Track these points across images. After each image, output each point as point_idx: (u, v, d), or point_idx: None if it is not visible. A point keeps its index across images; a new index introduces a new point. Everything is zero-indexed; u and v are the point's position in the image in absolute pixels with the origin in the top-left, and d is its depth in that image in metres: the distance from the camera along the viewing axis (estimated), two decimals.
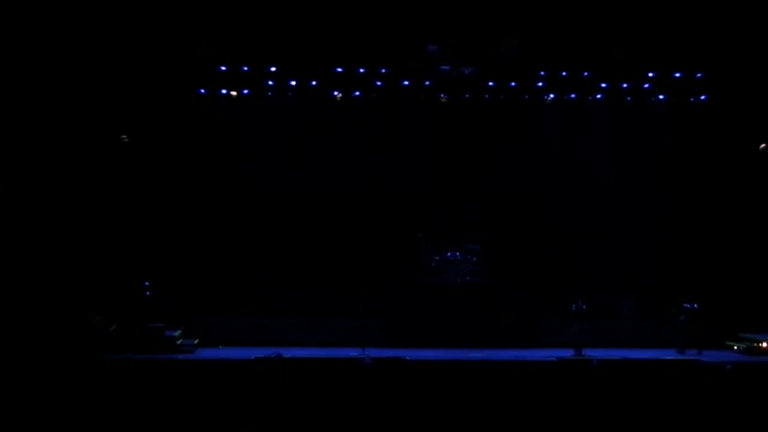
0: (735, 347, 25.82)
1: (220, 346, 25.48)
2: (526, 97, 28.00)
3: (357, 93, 27.68)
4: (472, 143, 28.02)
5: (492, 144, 28.03)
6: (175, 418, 11.30)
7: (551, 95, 27.97)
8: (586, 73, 27.38)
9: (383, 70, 27.24)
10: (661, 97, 27.98)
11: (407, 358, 22.32)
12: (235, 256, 27.16)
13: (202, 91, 27.27)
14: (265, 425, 11.39)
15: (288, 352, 22.60)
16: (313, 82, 27.34)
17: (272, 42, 26.15)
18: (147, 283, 25.30)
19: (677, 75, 27.39)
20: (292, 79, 27.28)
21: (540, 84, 27.70)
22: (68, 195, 25.70)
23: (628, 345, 26.07)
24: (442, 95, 27.96)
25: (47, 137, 25.45)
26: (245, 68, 26.88)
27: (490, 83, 27.59)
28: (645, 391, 13.94)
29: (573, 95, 27.93)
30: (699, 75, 27.36)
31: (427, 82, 27.58)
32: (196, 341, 25.60)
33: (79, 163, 25.97)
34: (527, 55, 26.70)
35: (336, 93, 27.71)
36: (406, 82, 27.55)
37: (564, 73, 27.43)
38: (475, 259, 27.84)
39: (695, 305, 25.71)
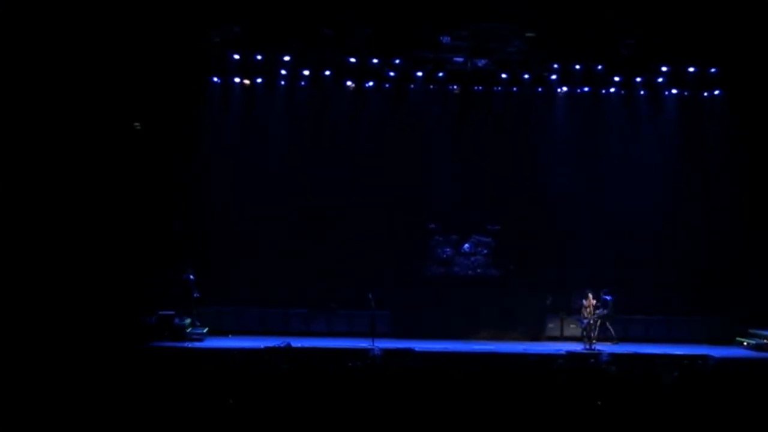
0: (745, 343, 25.76)
1: (230, 335, 25.55)
2: (539, 89, 27.94)
3: (370, 83, 27.67)
4: (485, 135, 27.99)
5: (504, 136, 27.98)
6: (180, 406, 11.30)
7: (564, 88, 27.91)
8: (599, 67, 27.26)
9: (397, 61, 27.20)
10: (674, 91, 27.89)
11: (416, 349, 22.33)
12: (245, 245, 27.12)
13: (215, 79, 27.28)
14: (273, 415, 11.38)
15: (297, 342, 22.63)
16: (326, 72, 27.33)
17: (286, 31, 26.07)
18: (192, 277, 25.54)
19: (691, 70, 27.27)
20: (305, 69, 27.28)
21: (553, 77, 27.64)
22: (65, 187, 25.73)
23: (639, 340, 26.09)
24: (454, 87, 27.96)
25: (64, 130, 25.55)
26: (258, 57, 26.85)
27: (503, 75, 27.52)
28: (654, 386, 13.89)
29: (586, 89, 27.85)
30: (713, 70, 27.22)
31: (441, 74, 27.52)
32: (206, 330, 25.68)
33: (96, 154, 26.01)
34: (541, 47, 26.59)
35: (349, 83, 27.70)
36: (420, 74, 27.51)
37: (577, 67, 27.33)
38: (486, 251, 27.82)
39: (610, 297, 25.66)
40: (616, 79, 27.59)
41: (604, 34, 25.94)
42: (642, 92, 27.94)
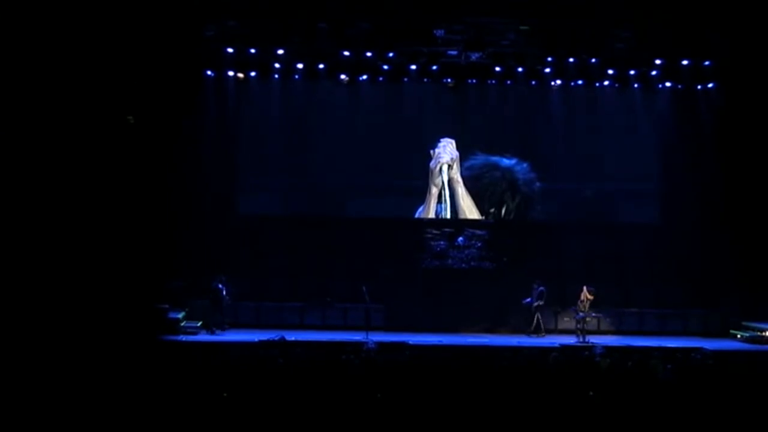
0: (739, 336, 25.80)
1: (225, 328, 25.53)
2: (534, 83, 27.94)
3: (364, 77, 27.65)
4: (478, 127, 27.98)
5: (498, 129, 27.97)
6: (173, 400, 11.30)
7: (558, 81, 27.91)
8: (593, 60, 27.27)
9: (391, 55, 27.18)
10: (668, 84, 27.89)
11: (411, 342, 22.35)
12: (238, 239, 27.08)
13: (209, 73, 27.23)
14: (266, 408, 11.39)
15: (291, 336, 22.63)
16: (320, 66, 27.30)
17: (280, 24, 26.01)
18: (220, 285, 25.57)
19: (685, 62, 27.26)
20: (299, 62, 27.26)
21: (547, 70, 27.62)
22: (57, 184, 25.58)
23: (634, 332, 26.15)
24: (448, 80, 27.95)
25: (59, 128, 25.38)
26: (252, 50, 26.83)
27: (497, 69, 27.51)
28: (648, 379, 13.92)
29: (580, 82, 27.85)
30: (707, 63, 27.22)
31: (435, 67, 27.51)
32: (200, 323, 25.64)
33: (88, 149, 25.85)
34: (535, 41, 26.56)
35: (343, 76, 27.68)
36: (414, 67, 27.49)
37: (571, 60, 27.33)
38: (480, 244, 27.79)
39: (542, 288, 25.69)
40: (611, 72, 27.58)
41: (599, 27, 25.94)
42: (636, 85, 27.91)
